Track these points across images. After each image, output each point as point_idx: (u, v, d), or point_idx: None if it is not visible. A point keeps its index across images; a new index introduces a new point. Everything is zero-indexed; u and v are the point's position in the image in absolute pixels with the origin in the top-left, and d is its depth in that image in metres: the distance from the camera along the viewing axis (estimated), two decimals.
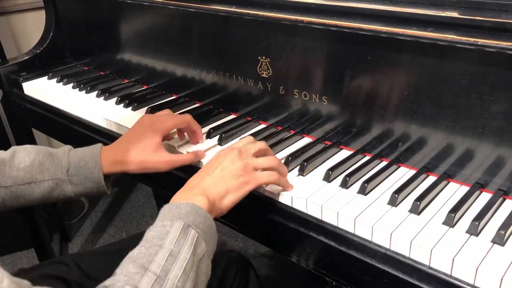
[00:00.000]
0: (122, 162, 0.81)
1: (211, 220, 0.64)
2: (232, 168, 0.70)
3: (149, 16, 1.13)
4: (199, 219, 0.62)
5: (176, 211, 0.62)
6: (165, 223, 0.60)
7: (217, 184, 0.68)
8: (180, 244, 0.58)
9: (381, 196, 0.72)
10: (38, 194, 0.80)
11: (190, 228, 0.60)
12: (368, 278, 0.67)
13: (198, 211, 0.63)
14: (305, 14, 0.81)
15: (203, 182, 0.69)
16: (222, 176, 0.69)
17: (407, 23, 0.70)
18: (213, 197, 0.67)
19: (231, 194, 0.68)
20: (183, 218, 0.61)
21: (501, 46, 0.62)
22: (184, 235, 0.59)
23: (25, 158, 0.80)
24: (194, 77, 1.08)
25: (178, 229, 0.59)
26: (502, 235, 0.61)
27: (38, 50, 1.36)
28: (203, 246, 0.61)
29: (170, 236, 0.59)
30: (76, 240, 1.87)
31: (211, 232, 0.64)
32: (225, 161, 0.71)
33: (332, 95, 0.85)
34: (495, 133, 0.69)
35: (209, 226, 0.63)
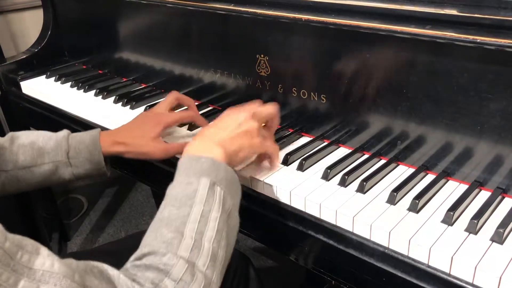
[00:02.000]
0: (121, 143, 0.83)
1: (232, 172, 0.65)
2: (247, 127, 0.71)
3: (147, 14, 1.13)
4: (221, 173, 0.63)
5: (197, 165, 0.62)
6: (191, 180, 0.60)
7: (233, 139, 0.69)
8: (209, 203, 0.59)
9: (380, 195, 0.72)
10: (38, 177, 0.82)
11: (216, 186, 0.60)
12: (366, 277, 0.66)
13: (219, 166, 0.63)
14: (304, 12, 0.80)
15: (219, 134, 0.69)
16: (238, 133, 0.70)
17: (406, 20, 0.70)
18: (229, 150, 0.68)
19: (244, 150, 0.70)
20: (207, 175, 0.61)
21: (499, 44, 0.62)
22: (212, 193, 0.60)
23: (25, 142, 0.82)
24: (192, 75, 1.08)
25: (205, 187, 0.60)
26: (501, 233, 0.61)
27: (36, 49, 1.35)
28: (229, 201, 0.62)
29: (199, 195, 0.59)
30: (75, 240, 1.86)
31: (235, 183, 0.65)
32: (240, 119, 0.72)
33: (330, 93, 0.85)
34: (494, 131, 0.69)
35: (231, 178, 0.64)
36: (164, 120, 0.85)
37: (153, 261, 0.53)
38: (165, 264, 0.52)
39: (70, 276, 0.44)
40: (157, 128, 0.84)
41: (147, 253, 0.54)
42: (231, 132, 0.70)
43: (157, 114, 0.87)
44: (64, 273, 0.44)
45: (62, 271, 0.44)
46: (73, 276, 0.45)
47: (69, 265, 0.46)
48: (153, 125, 0.84)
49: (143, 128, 0.84)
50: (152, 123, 0.84)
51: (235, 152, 0.69)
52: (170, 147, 0.84)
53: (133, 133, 0.84)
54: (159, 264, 0.52)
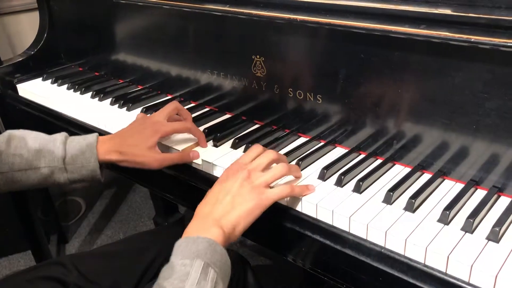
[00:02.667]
0: (117, 152, 0.83)
1: (226, 256, 0.63)
2: (242, 192, 0.68)
3: (143, 16, 1.13)
4: (216, 256, 0.61)
5: (193, 246, 0.61)
6: (184, 262, 0.60)
7: (229, 212, 0.67)
8: (200, 286, 0.58)
9: (376, 194, 0.72)
10: (34, 180, 0.82)
11: (210, 268, 0.60)
12: (363, 277, 0.66)
13: (215, 248, 0.62)
14: (298, 12, 0.80)
15: (215, 211, 0.67)
16: (233, 202, 0.68)
17: (400, 20, 0.70)
18: (227, 227, 0.66)
19: (243, 221, 0.67)
20: (202, 257, 0.60)
21: (494, 43, 0.62)
22: (205, 276, 0.59)
23: (22, 145, 0.82)
24: (189, 77, 1.08)
25: (198, 269, 0.59)
26: (497, 232, 0.61)
27: (32, 52, 1.35)
28: (220, 285, 0.61)
29: (191, 278, 0.58)
30: (73, 242, 1.86)
31: (226, 268, 0.64)
32: (234, 186, 0.69)
33: (326, 93, 0.85)
34: (489, 130, 0.69)
35: (225, 262, 0.63)
36: (162, 129, 0.85)
37: None
38: None
39: None
40: (153, 138, 0.83)
41: None
42: (225, 206, 0.68)
43: (154, 122, 0.86)
44: None
45: None
46: None
47: None
48: (150, 134, 0.83)
49: (139, 136, 0.84)
50: (149, 132, 0.84)
51: (233, 226, 0.66)
52: (165, 158, 0.84)
53: (130, 141, 0.83)
54: None
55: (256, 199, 0.68)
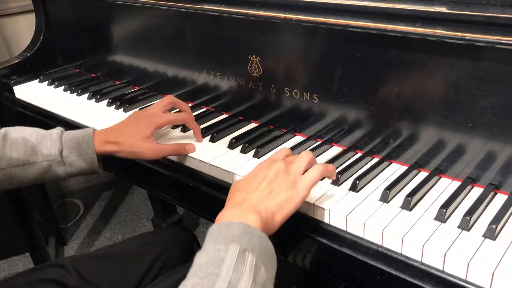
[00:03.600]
0: (113, 142, 0.84)
1: (267, 240, 0.57)
2: (278, 180, 0.64)
3: (140, 17, 1.13)
4: (254, 240, 0.55)
5: (227, 231, 0.55)
6: (218, 247, 0.53)
7: (267, 199, 0.62)
8: (238, 272, 0.51)
9: (373, 193, 0.72)
10: (32, 175, 0.82)
11: (247, 253, 0.53)
12: (361, 276, 0.66)
13: (252, 232, 0.56)
14: (294, 12, 0.80)
15: (250, 197, 0.62)
16: (270, 189, 0.63)
17: (396, 19, 0.70)
18: (265, 213, 0.60)
19: (282, 209, 0.62)
20: (238, 241, 0.54)
21: (489, 40, 0.62)
22: (242, 261, 0.52)
23: (18, 140, 0.82)
24: (185, 77, 1.08)
25: (234, 254, 0.52)
26: (493, 229, 0.61)
27: (28, 53, 1.35)
28: (262, 271, 0.54)
29: (227, 263, 0.52)
30: (72, 244, 1.86)
31: (269, 253, 0.57)
32: (270, 173, 0.64)
33: (322, 92, 0.85)
34: (485, 127, 0.69)
35: (266, 247, 0.56)
36: (156, 120, 0.86)
37: None
38: None
39: None
40: (149, 128, 0.84)
41: None
42: (262, 192, 0.62)
43: (149, 114, 0.87)
44: None
45: None
46: None
47: None
48: (145, 125, 0.84)
49: (135, 127, 0.85)
50: (144, 123, 0.85)
51: (272, 213, 0.61)
52: (161, 148, 0.85)
53: (125, 132, 0.84)
54: None
55: (294, 187, 0.64)
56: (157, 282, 0.88)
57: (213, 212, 0.86)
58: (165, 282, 0.86)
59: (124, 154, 0.84)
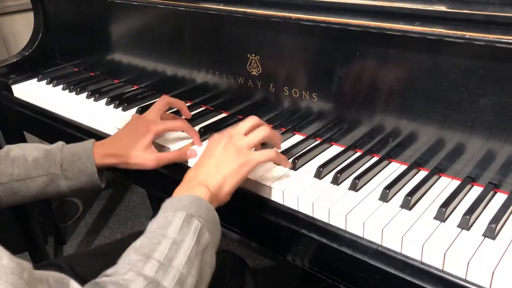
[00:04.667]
0: (112, 155, 0.83)
1: (213, 210, 0.64)
2: (225, 155, 0.70)
3: (138, 16, 1.12)
4: (202, 210, 0.62)
5: (178, 203, 0.62)
6: (167, 214, 0.60)
7: (214, 173, 0.68)
8: (183, 233, 0.58)
9: (372, 192, 0.72)
10: (34, 190, 0.82)
11: (193, 218, 0.60)
12: (360, 275, 0.66)
13: (200, 202, 0.63)
14: (293, 10, 0.80)
15: (199, 173, 0.69)
16: (218, 164, 0.69)
17: (395, 17, 0.70)
18: (212, 186, 0.67)
19: (229, 180, 0.68)
20: (186, 209, 0.61)
21: (488, 39, 0.62)
22: (187, 224, 0.59)
23: (20, 155, 0.82)
24: (184, 76, 1.08)
25: (180, 219, 0.59)
26: (493, 228, 0.61)
27: (27, 52, 1.35)
28: (207, 236, 0.60)
29: (173, 225, 0.59)
30: (71, 243, 1.86)
31: (215, 222, 0.64)
32: (217, 149, 0.71)
33: (322, 91, 0.84)
34: (485, 126, 0.69)
35: (212, 216, 0.63)
36: (154, 129, 0.85)
37: (113, 279, 0.53)
38: (124, 280, 0.52)
39: (18, 273, 0.43)
40: (147, 138, 0.83)
41: (110, 274, 0.54)
42: (209, 167, 0.69)
43: (147, 122, 0.86)
44: (12, 269, 0.43)
45: (10, 266, 0.43)
46: (22, 273, 0.44)
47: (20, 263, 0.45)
48: (143, 134, 0.84)
49: (133, 137, 0.84)
50: (142, 132, 0.84)
51: (220, 185, 0.68)
52: (162, 157, 0.84)
53: (125, 143, 0.84)
54: (119, 280, 0.52)
55: (241, 159, 0.69)
56: None
57: None
58: None
59: (125, 166, 0.84)
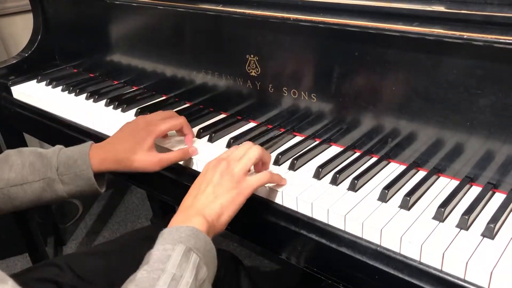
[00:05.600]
0: (112, 160, 0.81)
1: (211, 243, 0.63)
2: (222, 182, 0.68)
3: (138, 16, 1.12)
4: (200, 243, 0.61)
5: (176, 234, 0.61)
6: (166, 247, 0.59)
7: (211, 202, 0.67)
8: (182, 269, 0.57)
9: (371, 192, 0.72)
10: (31, 195, 0.80)
11: (192, 252, 0.59)
12: (359, 275, 0.66)
13: (198, 235, 0.62)
14: (292, 11, 0.80)
15: (197, 202, 0.67)
16: (214, 192, 0.68)
17: (394, 18, 0.70)
18: (210, 216, 0.66)
19: (226, 210, 0.67)
20: (184, 242, 0.60)
21: (487, 40, 0.62)
22: (186, 259, 0.58)
23: (17, 161, 0.81)
24: (183, 77, 1.08)
25: (180, 253, 0.58)
26: (492, 228, 0.61)
27: (26, 54, 1.35)
28: (204, 270, 0.60)
29: (172, 260, 0.58)
30: (70, 244, 1.86)
31: (211, 256, 0.63)
32: (215, 176, 0.69)
33: (321, 92, 0.85)
34: (483, 126, 0.69)
35: (209, 250, 0.63)
36: (155, 129, 0.83)
37: None
38: None
39: None
40: (148, 140, 0.81)
41: None
42: (207, 195, 0.68)
43: (147, 123, 0.84)
44: None
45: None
46: None
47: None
48: (144, 136, 0.81)
49: (133, 140, 0.81)
50: (143, 134, 0.82)
51: (217, 214, 0.66)
52: (164, 159, 0.82)
53: (125, 147, 0.81)
54: None
55: (237, 187, 0.68)
56: None
57: None
58: None
59: (126, 171, 0.82)
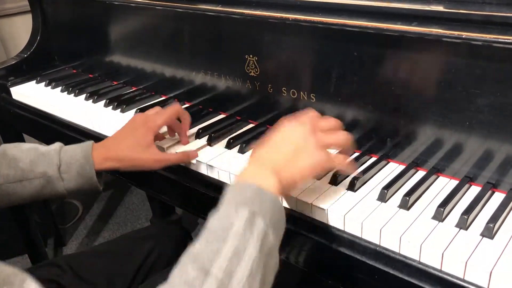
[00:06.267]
0: (114, 159, 0.81)
1: (280, 204, 0.57)
2: (306, 146, 0.62)
3: (137, 17, 1.13)
4: (266, 205, 0.55)
5: (241, 194, 0.55)
6: (229, 211, 0.54)
7: (291, 163, 0.61)
8: (245, 240, 0.52)
9: (371, 192, 0.72)
10: (30, 191, 0.80)
11: (257, 218, 0.53)
12: (359, 275, 0.66)
13: (265, 196, 0.56)
14: (291, 11, 0.80)
15: (275, 158, 0.61)
16: (297, 154, 0.62)
17: (392, 18, 0.70)
18: (285, 179, 0.60)
19: (301, 176, 0.62)
20: (249, 205, 0.54)
21: (485, 39, 0.62)
22: (250, 226, 0.52)
23: (16, 156, 0.80)
24: (183, 77, 1.08)
25: (242, 219, 0.53)
26: (491, 228, 0.61)
27: (25, 54, 1.35)
28: (271, 237, 0.54)
29: (234, 228, 0.52)
30: (70, 244, 1.86)
31: (280, 217, 0.57)
32: (298, 136, 0.63)
33: (320, 92, 0.85)
34: (482, 126, 0.69)
35: (278, 212, 0.57)
36: (153, 125, 0.83)
37: None
38: None
39: None
40: (148, 136, 0.81)
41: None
42: (287, 155, 0.61)
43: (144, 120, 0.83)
44: None
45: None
46: None
47: None
48: (143, 133, 0.81)
49: (133, 137, 0.81)
50: (141, 132, 0.81)
51: (293, 180, 0.61)
52: (165, 159, 0.82)
53: (125, 145, 0.81)
54: None
55: (321, 156, 0.63)
56: (150, 281, 0.88)
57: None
58: (159, 280, 0.86)
59: (127, 169, 0.82)
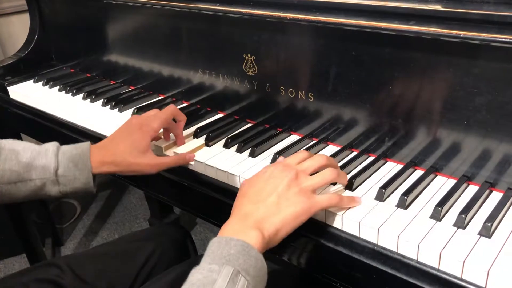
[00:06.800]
0: (110, 163, 0.80)
1: (262, 261, 0.57)
2: (288, 194, 0.62)
3: (134, 16, 1.12)
4: (250, 261, 0.55)
5: (225, 250, 0.56)
6: (212, 268, 0.54)
7: (273, 214, 0.61)
8: None
9: (368, 192, 0.72)
10: (24, 192, 0.78)
11: (240, 276, 0.54)
12: (357, 275, 0.66)
13: (250, 252, 0.56)
14: (288, 10, 0.80)
15: (256, 212, 0.61)
16: (278, 205, 0.61)
17: (390, 17, 0.70)
18: (268, 231, 0.60)
19: (286, 226, 0.61)
20: (232, 262, 0.54)
21: (483, 38, 0.62)
22: (232, 284, 0.53)
23: (12, 157, 0.77)
24: (180, 76, 1.08)
25: (226, 278, 0.53)
26: (489, 227, 0.61)
27: (23, 54, 1.35)
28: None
29: (217, 285, 0.52)
30: (68, 244, 1.85)
31: (262, 275, 0.57)
32: (280, 186, 0.63)
33: (318, 91, 0.84)
34: (480, 125, 0.69)
35: (260, 269, 0.57)
36: (149, 130, 0.82)
37: None
38: None
39: None
40: (143, 142, 0.80)
41: None
42: (269, 207, 0.61)
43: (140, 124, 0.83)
44: None
45: None
46: None
47: None
48: (140, 137, 0.81)
49: (130, 141, 0.80)
50: (138, 135, 0.81)
51: (276, 229, 0.60)
52: (161, 163, 0.82)
53: (121, 149, 0.80)
54: None
55: (305, 203, 0.62)
56: (150, 283, 0.88)
57: (208, 212, 0.86)
58: (159, 282, 0.86)
59: (124, 173, 0.81)
